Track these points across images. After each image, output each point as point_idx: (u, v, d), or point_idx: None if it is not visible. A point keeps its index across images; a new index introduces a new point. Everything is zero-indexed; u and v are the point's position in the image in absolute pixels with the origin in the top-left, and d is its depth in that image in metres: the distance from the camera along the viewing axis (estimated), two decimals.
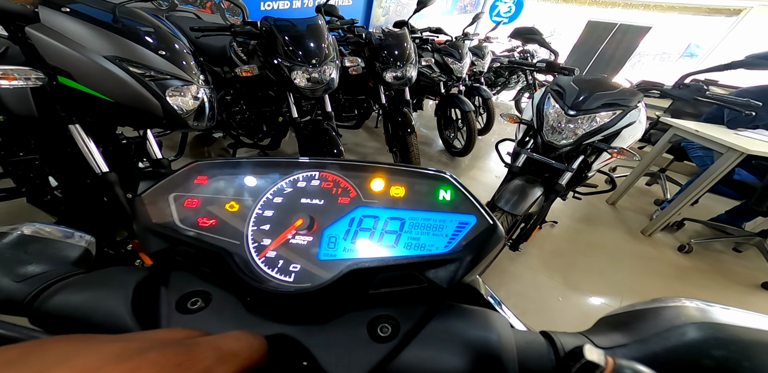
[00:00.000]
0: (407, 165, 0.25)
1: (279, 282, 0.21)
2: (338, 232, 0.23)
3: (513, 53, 3.59)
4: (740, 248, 1.82)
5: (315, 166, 0.26)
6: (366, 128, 2.93)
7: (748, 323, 0.17)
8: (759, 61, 0.81)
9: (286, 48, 1.24)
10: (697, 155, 1.95)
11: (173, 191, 0.25)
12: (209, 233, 0.23)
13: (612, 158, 1.06)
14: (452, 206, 0.23)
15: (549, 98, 1.02)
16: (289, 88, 1.39)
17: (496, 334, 0.19)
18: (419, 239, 0.22)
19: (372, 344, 0.19)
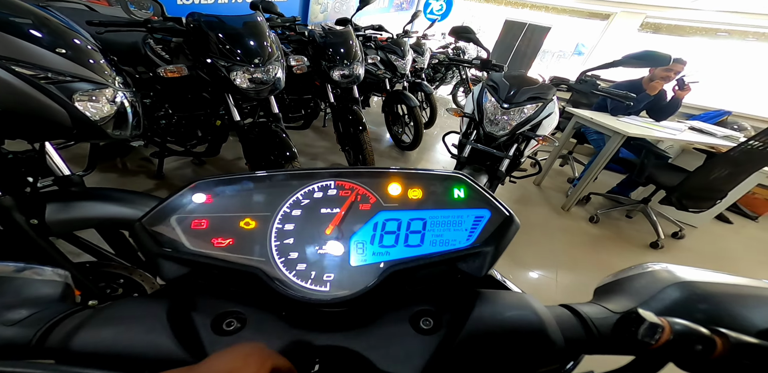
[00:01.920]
0: (421, 169, 0.26)
1: (316, 293, 0.21)
2: (364, 237, 0.23)
3: (447, 50, 3.79)
4: (631, 215, 2.25)
5: (329, 175, 0.25)
6: (313, 128, 2.83)
7: (708, 279, 0.20)
8: (632, 60, 1.00)
9: (222, 47, 1.12)
10: (593, 139, 2.35)
11: (174, 214, 0.22)
12: (228, 253, 0.21)
13: (538, 145, 1.23)
14: (466, 203, 0.24)
15: (486, 93, 1.12)
16: (228, 90, 1.26)
17: (535, 312, 0.20)
18: (442, 235, 0.23)
19: (420, 337, 0.20)
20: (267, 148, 1.41)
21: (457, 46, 3.72)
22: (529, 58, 6.47)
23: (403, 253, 0.22)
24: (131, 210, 0.70)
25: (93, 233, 0.73)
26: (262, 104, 1.73)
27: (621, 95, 1.07)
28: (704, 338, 0.14)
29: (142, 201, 0.71)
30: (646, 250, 1.89)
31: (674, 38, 6.12)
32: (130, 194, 0.72)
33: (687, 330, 0.15)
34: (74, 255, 0.75)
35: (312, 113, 2.21)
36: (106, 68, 0.79)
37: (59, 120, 0.67)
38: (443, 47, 3.87)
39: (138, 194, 0.73)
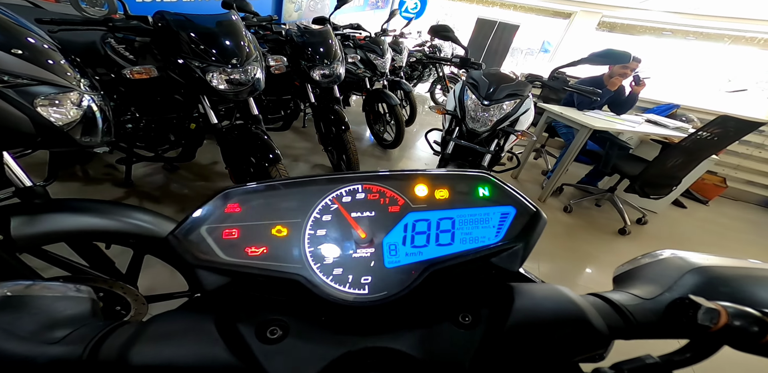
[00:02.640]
0: (447, 170, 0.26)
1: (356, 296, 0.21)
2: (396, 239, 0.23)
3: (423, 48, 3.84)
4: (600, 203, 2.41)
5: (356, 179, 0.25)
6: (293, 129, 2.77)
7: (719, 263, 0.22)
8: (597, 58, 1.08)
9: (195, 47, 1.06)
10: (563, 132, 2.49)
11: (204, 224, 0.22)
12: (263, 262, 0.21)
13: (517, 140, 1.29)
14: (491, 200, 0.25)
15: (467, 91, 1.16)
16: (203, 92, 1.21)
17: (573, 302, 0.20)
18: (471, 233, 0.24)
19: (462, 332, 0.20)
20: (248, 152, 1.36)
21: (433, 44, 3.78)
22: (500, 56, 6.70)
23: (435, 252, 0.23)
24: (104, 221, 0.65)
25: (62, 246, 0.68)
26: (239, 106, 1.67)
27: (589, 91, 1.15)
28: (758, 320, 0.15)
29: (115, 210, 0.66)
30: (615, 236, 2.03)
31: (627, 37, 6.60)
32: (100, 203, 0.68)
33: (741, 313, 0.16)
34: (42, 269, 0.70)
35: (292, 114, 2.16)
36: (69, 70, 0.73)
37: (20, 127, 0.62)
38: (419, 45, 3.91)
39: (110, 204, 0.69)
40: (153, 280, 0.80)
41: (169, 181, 1.82)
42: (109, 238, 0.67)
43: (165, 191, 1.72)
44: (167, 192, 1.72)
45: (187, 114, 1.56)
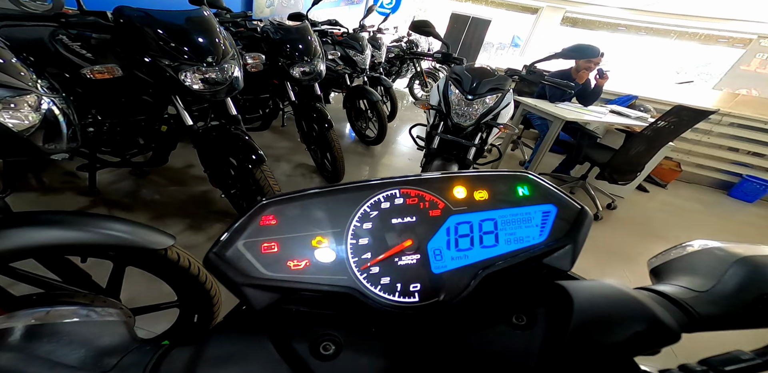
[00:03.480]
0: (484, 171, 0.26)
1: (407, 304, 0.20)
2: (440, 244, 0.23)
3: (401, 43, 3.84)
4: (573, 191, 2.54)
5: (393, 184, 0.24)
6: (271, 128, 2.69)
7: (755, 252, 0.22)
8: (569, 53, 1.12)
9: (165, 44, 0.99)
10: (537, 124, 2.60)
11: (240, 239, 0.21)
12: (308, 275, 0.20)
13: (499, 132, 1.33)
14: (532, 199, 0.24)
15: (450, 86, 1.17)
16: (175, 92, 1.14)
17: (635, 298, 0.20)
18: (515, 233, 0.23)
19: (519, 333, 0.19)
20: (228, 153, 1.31)
21: (410, 40, 3.79)
22: (475, 50, 6.84)
23: (481, 254, 0.23)
24: (76, 233, 0.60)
25: (29, 260, 0.62)
26: (214, 106, 1.59)
27: (563, 84, 1.21)
28: None
29: (88, 222, 0.61)
30: None
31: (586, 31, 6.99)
32: (72, 215, 0.62)
33: None
34: (8, 286, 0.63)
35: (271, 113, 2.09)
36: (23, 69, 0.66)
37: None
38: (396, 41, 3.90)
39: (82, 215, 0.63)
40: (131, 291, 0.75)
41: (140, 187, 1.70)
42: (84, 251, 0.63)
43: (136, 198, 1.61)
44: (139, 199, 1.61)
45: (156, 116, 1.46)
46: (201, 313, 0.82)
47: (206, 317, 0.83)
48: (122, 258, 0.68)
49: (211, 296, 0.80)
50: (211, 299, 0.80)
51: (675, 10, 6.19)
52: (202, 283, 0.76)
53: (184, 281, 0.74)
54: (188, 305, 0.81)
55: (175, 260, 0.69)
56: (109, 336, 0.19)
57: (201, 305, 0.81)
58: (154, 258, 0.67)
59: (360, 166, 2.42)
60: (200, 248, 1.37)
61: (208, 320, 0.84)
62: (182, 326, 0.84)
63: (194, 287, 0.76)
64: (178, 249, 0.71)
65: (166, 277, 0.74)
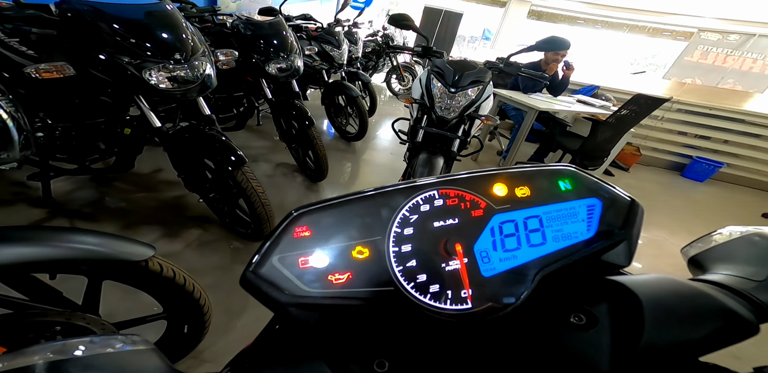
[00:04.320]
0: (523, 166, 0.24)
1: (459, 312, 0.19)
2: (486, 245, 0.22)
3: (376, 38, 3.78)
4: None
5: (430, 185, 0.23)
6: (246, 128, 2.57)
7: None
8: (543, 45, 1.16)
9: (122, 40, 0.91)
10: (513, 114, 2.69)
11: (274, 254, 0.19)
12: (352, 289, 0.19)
13: (481, 124, 1.36)
14: (575, 193, 0.23)
15: (433, 79, 1.18)
16: (139, 91, 1.05)
17: (706, 293, 0.18)
18: (562, 229, 0.22)
19: (581, 334, 0.18)
20: (203, 156, 1.23)
21: (386, 34, 3.74)
22: (448, 43, 6.89)
23: (530, 254, 0.22)
24: (41, 249, 0.54)
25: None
26: (183, 106, 1.48)
27: (539, 76, 1.25)
28: None
29: (50, 236, 0.56)
30: None
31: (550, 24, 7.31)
32: (29, 230, 0.57)
33: None
34: None
35: (246, 112, 1.98)
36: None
37: None
38: (371, 35, 3.84)
39: (47, 229, 0.58)
40: (108, 304, 0.70)
41: (103, 195, 1.57)
42: (52, 268, 0.58)
43: (100, 208, 1.48)
44: (104, 208, 1.48)
45: (117, 117, 1.34)
46: (191, 323, 0.79)
47: (197, 328, 0.81)
48: (97, 272, 0.64)
49: (200, 306, 0.77)
50: (200, 309, 0.77)
51: (627, 5, 6.61)
52: (189, 292, 0.73)
53: (170, 292, 0.71)
54: (176, 316, 0.78)
55: (157, 271, 0.66)
56: (143, 368, 0.17)
57: (190, 316, 0.78)
58: (133, 270, 0.64)
59: (342, 162, 2.38)
60: (181, 256, 1.29)
61: (199, 329, 0.81)
62: (172, 337, 0.81)
63: (181, 297, 0.73)
64: (159, 259, 0.68)
65: (149, 289, 0.70)
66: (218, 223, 1.48)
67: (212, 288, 1.13)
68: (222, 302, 1.09)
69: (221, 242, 1.40)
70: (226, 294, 1.14)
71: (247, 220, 1.38)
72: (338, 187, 2.06)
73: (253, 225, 1.33)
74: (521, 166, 0.25)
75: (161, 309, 0.75)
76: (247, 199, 1.21)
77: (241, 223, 1.41)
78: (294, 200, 1.81)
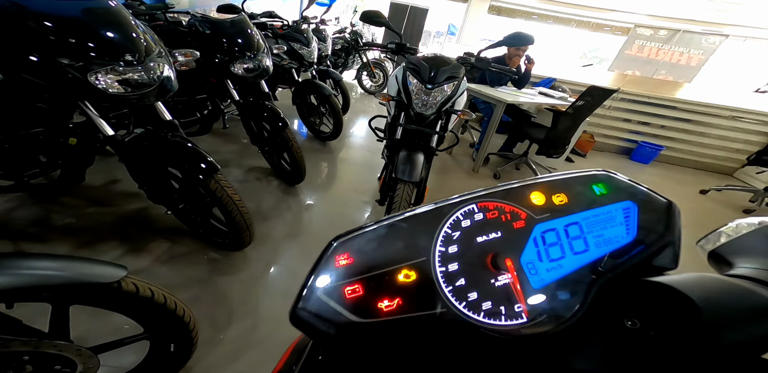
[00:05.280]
0: (559, 173, 0.24)
1: (516, 327, 0.19)
2: (531, 256, 0.21)
3: (344, 35, 3.69)
4: (519, 167, 2.82)
5: (467, 200, 0.22)
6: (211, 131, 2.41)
7: None
8: (510, 40, 1.19)
9: (58, 40, 0.80)
10: (482, 108, 2.79)
11: (319, 286, 0.18)
12: (403, 315, 0.18)
13: (458, 119, 1.39)
14: (609, 197, 0.23)
15: (409, 76, 1.18)
16: (84, 97, 0.93)
17: (753, 291, 0.18)
18: (603, 234, 0.22)
19: (643, 339, 0.18)
20: (167, 164, 1.14)
21: (354, 31, 3.67)
22: (415, 39, 6.92)
23: (576, 262, 0.22)
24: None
25: None
26: (137, 112, 1.35)
27: (508, 70, 1.30)
28: None
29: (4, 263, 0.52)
30: None
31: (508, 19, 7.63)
32: None
33: None
34: None
35: (210, 115, 1.85)
36: None
37: None
38: (339, 32, 3.75)
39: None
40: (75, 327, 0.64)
41: (48, 212, 1.39)
42: (9, 297, 0.53)
43: (47, 226, 1.32)
44: (52, 227, 1.32)
45: (59, 126, 1.19)
46: (178, 341, 0.76)
47: (185, 345, 0.77)
48: (62, 298, 0.59)
49: (185, 323, 0.74)
50: (186, 326, 0.74)
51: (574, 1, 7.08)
52: (172, 310, 0.70)
53: (149, 311, 0.68)
54: (160, 336, 0.74)
55: (133, 292, 0.63)
56: None
57: (176, 334, 0.74)
58: (104, 293, 0.60)
59: (319, 163, 2.32)
60: (151, 272, 1.19)
61: (188, 347, 0.78)
62: (157, 357, 0.77)
63: (163, 316, 0.70)
64: (133, 279, 0.64)
65: (125, 310, 0.66)
66: (190, 234, 1.38)
67: (193, 302, 1.07)
68: (205, 316, 1.04)
69: (196, 254, 1.31)
70: (209, 307, 1.09)
71: (224, 229, 1.31)
72: (318, 189, 2.01)
73: (231, 235, 1.26)
74: (557, 173, 0.25)
75: (141, 329, 0.71)
76: (223, 208, 1.14)
77: (216, 233, 1.33)
78: (272, 205, 1.73)
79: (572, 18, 7.77)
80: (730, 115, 3.37)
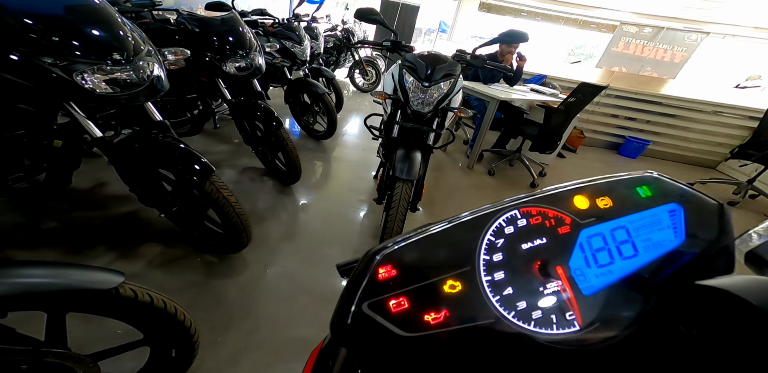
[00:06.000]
0: (603, 176, 0.23)
1: (569, 336, 0.18)
2: (578, 263, 0.21)
3: (336, 32, 3.64)
4: (512, 163, 2.85)
5: (509, 206, 0.21)
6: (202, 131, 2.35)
7: None
8: (504, 38, 1.18)
9: (41, 38, 0.76)
10: (476, 105, 2.81)
11: (362, 300, 0.17)
12: (451, 327, 0.18)
13: (454, 116, 1.39)
14: (654, 199, 0.23)
15: (405, 74, 1.17)
16: (69, 97, 0.90)
17: None
18: (650, 238, 0.21)
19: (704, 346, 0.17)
20: (159, 166, 1.11)
21: (345, 28, 3.62)
22: (407, 36, 6.88)
23: (625, 267, 0.21)
24: None
25: None
26: (124, 112, 1.31)
27: (503, 68, 1.31)
28: None
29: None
30: (530, 190, 2.46)
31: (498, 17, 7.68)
32: None
33: None
34: None
35: (201, 115, 1.80)
36: None
37: None
38: (330, 30, 3.70)
39: None
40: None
41: (35, 217, 1.35)
42: (1, 306, 0.52)
43: (32, 232, 1.28)
44: (36, 232, 1.28)
45: (43, 128, 1.14)
46: (179, 347, 0.75)
47: (186, 350, 0.76)
48: (58, 306, 0.57)
49: (186, 328, 0.72)
50: (187, 331, 0.73)
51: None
52: (172, 315, 0.69)
53: (149, 317, 0.67)
54: (160, 342, 0.73)
55: (131, 297, 0.62)
56: None
57: (177, 339, 0.73)
58: (102, 299, 0.59)
59: (313, 162, 2.30)
60: (146, 276, 1.16)
61: (189, 352, 0.77)
62: (158, 363, 0.76)
63: (163, 321, 0.68)
64: (131, 285, 0.63)
65: (124, 317, 0.65)
66: (184, 237, 1.36)
67: (190, 306, 1.04)
68: (203, 319, 1.02)
69: (190, 257, 1.29)
70: (206, 311, 1.07)
71: (219, 232, 1.28)
72: (313, 188, 1.99)
73: (227, 237, 1.24)
74: (602, 177, 0.24)
75: (140, 335, 0.70)
76: (220, 210, 1.11)
77: (211, 235, 1.31)
78: (268, 205, 1.71)
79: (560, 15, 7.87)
80: (712, 110, 3.48)
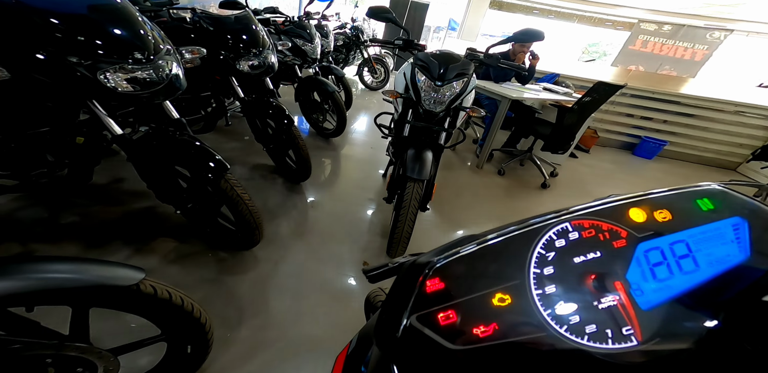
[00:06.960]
0: (661, 189, 0.22)
1: (626, 351, 0.18)
2: (635, 277, 0.20)
3: (345, 30, 3.64)
4: (523, 163, 2.82)
5: (560, 218, 0.21)
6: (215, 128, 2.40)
7: None
8: (519, 36, 1.16)
9: (67, 38, 0.79)
10: (486, 103, 2.77)
11: (411, 313, 0.17)
12: (501, 341, 0.17)
13: (466, 115, 1.38)
14: (717, 213, 0.22)
15: (418, 73, 1.16)
16: (92, 96, 0.92)
17: None
18: (713, 253, 0.21)
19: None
20: (175, 164, 1.13)
21: (355, 27, 3.63)
22: (417, 35, 6.84)
23: (685, 282, 0.20)
24: (13, 282, 0.50)
25: None
26: (141, 110, 1.34)
27: (518, 67, 1.29)
28: None
29: (22, 267, 0.53)
30: (540, 190, 2.42)
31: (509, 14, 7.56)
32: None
33: None
34: None
35: (214, 113, 1.83)
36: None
37: None
38: (339, 28, 3.71)
39: (11, 261, 0.54)
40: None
41: (56, 212, 1.40)
42: (31, 300, 0.53)
43: (53, 226, 1.31)
44: (59, 228, 1.32)
45: (66, 125, 1.18)
46: (194, 343, 0.77)
47: (201, 346, 0.79)
48: (82, 301, 0.59)
49: (202, 324, 0.74)
50: (202, 327, 0.75)
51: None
52: (189, 312, 0.71)
53: (167, 313, 0.68)
54: (177, 337, 0.75)
55: (151, 294, 0.64)
56: None
57: (193, 335, 0.75)
58: (124, 295, 0.61)
59: (322, 160, 2.32)
60: (162, 272, 1.19)
61: (204, 348, 0.80)
62: (174, 358, 0.78)
63: (181, 317, 0.70)
64: (151, 281, 0.65)
65: (143, 312, 0.67)
66: (197, 233, 1.38)
67: (202, 302, 1.07)
68: (216, 316, 1.04)
69: (204, 253, 1.31)
70: (219, 307, 1.09)
71: (232, 228, 1.30)
72: (323, 186, 2.00)
73: (240, 234, 1.26)
74: (659, 189, 0.23)
75: (158, 331, 0.72)
76: (233, 207, 1.13)
77: (225, 232, 1.33)
78: (278, 202, 1.73)
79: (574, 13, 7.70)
80: (734, 110, 3.35)
